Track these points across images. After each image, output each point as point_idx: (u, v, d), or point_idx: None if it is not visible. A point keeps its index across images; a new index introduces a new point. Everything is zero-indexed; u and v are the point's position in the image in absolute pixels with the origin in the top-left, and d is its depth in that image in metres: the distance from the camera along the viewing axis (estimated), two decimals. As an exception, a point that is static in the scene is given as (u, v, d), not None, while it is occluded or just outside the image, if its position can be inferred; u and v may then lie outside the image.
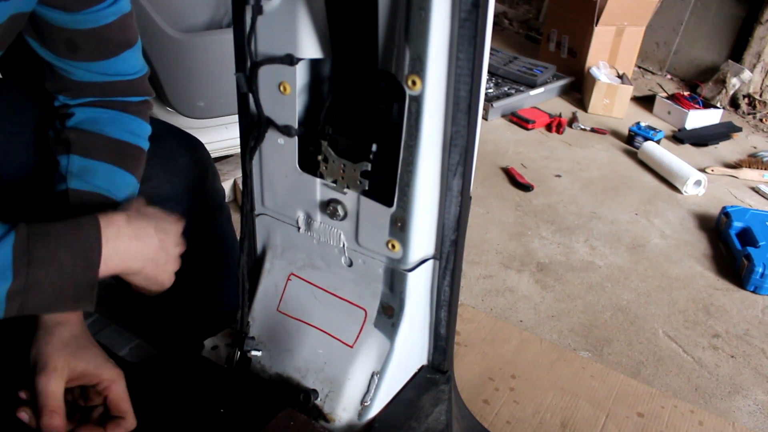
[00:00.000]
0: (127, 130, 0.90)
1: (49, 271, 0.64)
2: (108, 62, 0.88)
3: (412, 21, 0.62)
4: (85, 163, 0.86)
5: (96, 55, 0.87)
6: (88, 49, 0.86)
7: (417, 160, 0.69)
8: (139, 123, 0.93)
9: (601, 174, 2.66)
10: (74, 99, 0.89)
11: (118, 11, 0.85)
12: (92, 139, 0.87)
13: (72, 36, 0.84)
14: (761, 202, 2.58)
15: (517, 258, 2.04)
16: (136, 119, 0.92)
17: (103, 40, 0.86)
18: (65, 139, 0.87)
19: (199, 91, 1.88)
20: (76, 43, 0.84)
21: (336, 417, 0.80)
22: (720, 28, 3.60)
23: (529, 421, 1.36)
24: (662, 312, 1.85)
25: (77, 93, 0.89)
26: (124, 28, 0.87)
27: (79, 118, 0.88)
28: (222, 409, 0.81)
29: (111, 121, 0.90)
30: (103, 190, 0.85)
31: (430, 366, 0.89)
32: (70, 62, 0.86)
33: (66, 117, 0.88)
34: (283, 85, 0.74)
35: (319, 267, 0.85)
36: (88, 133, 0.87)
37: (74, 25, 0.83)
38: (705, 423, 1.39)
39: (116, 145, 0.89)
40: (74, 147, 0.86)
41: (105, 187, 0.86)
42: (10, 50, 0.84)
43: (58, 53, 0.86)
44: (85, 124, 0.88)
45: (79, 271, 0.67)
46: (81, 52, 0.85)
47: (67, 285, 0.66)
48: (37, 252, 0.64)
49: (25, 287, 0.63)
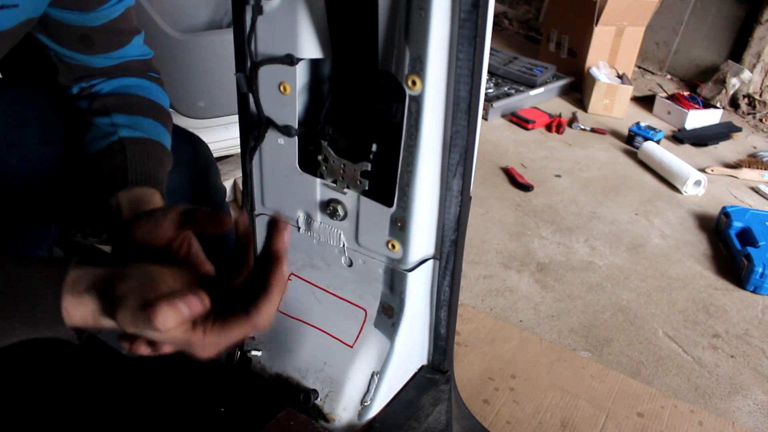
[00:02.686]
0: (154, 94, 0.94)
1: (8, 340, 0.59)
2: (122, 50, 0.91)
3: (412, 21, 0.62)
4: (130, 119, 0.88)
5: (111, 46, 0.90)
6: (103, 42, 0.89)
7: (417, 160, 0.69)
8: (161, 91, 0.97)
9: (601, 174, 2.66)
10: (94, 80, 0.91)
11: (124, 4, 0.88)
12: (131, 99, 0.90)
13: (87, 32, 0.86)
14: (761, 202, 2.58)
15: (517, 258, 2.04)
16: (157, 87, 0.96)
17: (116, 32, 0.89)
18: (101, 106, 0.88)
19: (199, 91, 1.88)
20: (92, 39, 0.87)
21: (336, 417, 0.80)
22: (720, 29, 3.60)
23: (529, 421, 1.36)
24: (662, 312, 1.85)
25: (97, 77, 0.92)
26: (130, 19, 0.91)
27: (108, 88, 0.91)
28: (222, 409, 0.81)
29: (139, 86, 0.93)
30: (154, 136, 0.87)
31: (430, 366, 0.89)
32: (87, 55, 0.89)
33: (93, 93, 0.90)
34: (283, 85, 0.74)
35: (319, 267, 0.85)
36: (124, 95, 0.90)
37: (88, 22, 0.85)
38: (705, 423, 1.39)
39: (152, 104, 0.92)
40: (113, 107, 0.88)
41: (156, 135, 0.88)
42: (11, 51, 0.84)
43: (73, 48, 0.88)
44: (117, 89, 0.91)
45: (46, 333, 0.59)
46: (96, 46, 0.88)
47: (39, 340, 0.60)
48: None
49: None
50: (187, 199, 1.07)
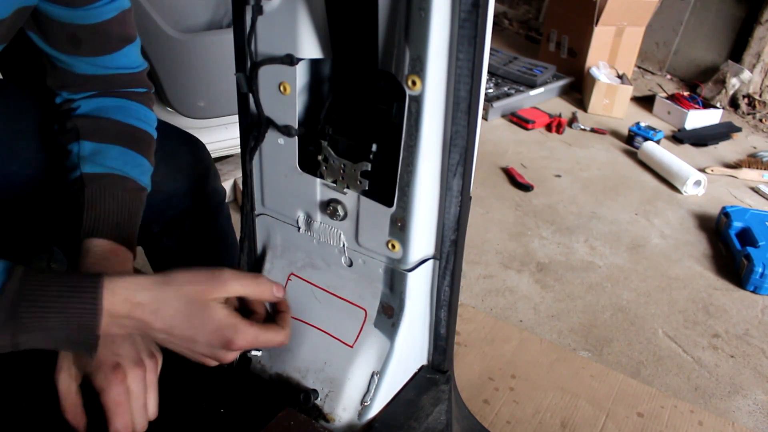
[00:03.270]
0: (134, 116, 0.91)
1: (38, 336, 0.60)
2: (110, 57, 0.89)
3: (412, 21, 0.62)
4: (96, 147, 0.86)
5: (98, 50, 0.88)
6: (91, 44, 0.87)
7: (417, 160, 0.69)
8: (146, 111, 0.94)
9: (601, 174, 2.66)
10: (78, 93, 0.90)
11: (118, 7, 0.86)
12: (101, 124, 0.88)
13: (74, 31, 0.85)
14: (761, 202, 2.58)
15: (517, 258, 2.04)
16: (142, 107, 0.93)
17: (104, 35, 0.87)
18: (73, 127, 0.87)
19: (199, 91, 1.88)
20: (79, 38, 0.85)
21: (336, 417, 0.80)
22: (720, 29, 3.60)
23: (529, 421, 1.36)
24: (662, 312, 1.85)
25: (80, 87, 0.90)
26: (124, 24, 0.89)
27: (85, 109, 0.89)
28: (222, 409, 0.81)
29: (117, 108, 0.90)
30: (117, 170, 0.85)
31: (430, 366, 0.89)
32: (73, 57, 0.87)
33: (71, 110, 0.89)
34: (283, 85, 0.74)
35: (319, 267, 0.85)
36: (97, 119, 0.88)
37: (76, 20, 0.84)
38: (705, 423, 1.39)
39: (125, 129, 0.89)
40: (83, 133, 0.86)
41: (119, 167, 0.86)
42: (10, 51, 0.84)
43: (60, 48, 0.87)
44: (93, 112, 0.89)
45: (73, 334, 0.61)
46: (83, 47, 0.86)
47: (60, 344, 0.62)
48: (24, 319, 0.59)
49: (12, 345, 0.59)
50: (187, 203, 1.07)
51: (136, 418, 0.70)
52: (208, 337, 0.66)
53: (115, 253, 0.81)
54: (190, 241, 1.10)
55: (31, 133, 0.93)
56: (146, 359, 0.71)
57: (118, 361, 0.69)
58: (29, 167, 0.93)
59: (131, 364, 0.69)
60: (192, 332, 0.66)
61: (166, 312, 0.64)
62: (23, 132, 0.93)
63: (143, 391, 0.70)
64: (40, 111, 0.94)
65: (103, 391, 0.68)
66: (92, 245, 0.80)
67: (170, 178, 1.01)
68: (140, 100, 0.94)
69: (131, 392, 0.69)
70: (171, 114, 1.87)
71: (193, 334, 0.66)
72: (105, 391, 0.68)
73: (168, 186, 1.01)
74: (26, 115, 0.94)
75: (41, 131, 0.93)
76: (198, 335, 0.66)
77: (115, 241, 0.81)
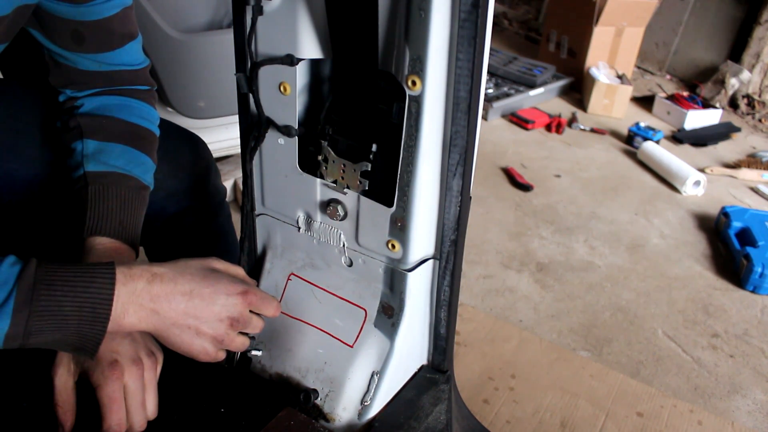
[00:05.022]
0: (136, 114, 0.92)
1: (51, 322, 0.61)
2: (113, 53, 0.90)
3: (412, 21, 0.62)
4: (99, 146, 0.86)
5: (101, 46, 0.88)
6: (94, 41, 0.87)
7: (417, 160, 0.69)
8: (149, 109, 0.94)
9: (601, 174, 2.67)
10: (81, 91, 0.90)
11: (120, 3, 0.87)
12: (104, 123, 0.88)
13: (77, 27, 0.85)
14: (760, 202, 2.59)
15: (516, 258, 2.04)
16: (145, 105, 0.94)
17: (107, 32, 0.88)
18: (76, 126, 0.87)
19: (199, 91, 1.88)
20: (82, 35, 0.86)
21: (336, 417, 0.80)
22: (719, 29, 3.60)
23: (528, 420, 1.36)
24: (661, 312, 1.86)
25: (84, 85, 0.90)
26: (126, 20, 0.89)
27: (88, 107, 0.89)
28: (222, 409, 0.81)
29: (120, 106, 0.91)
30: (120, 169, 0.86)
31: (430, 366, 0.89)
32: (76, 53, 0.88)
33: (74, 108, 0.89)
34: (283, 85, 0.74)
35: (319, 267, 0.85)
36: (100, 117, 0.88)
37: (79, 16, 0.84)
38: (704, 422, 1.39)
39: (128, 128, 0.90)
40: (86, 131, 0.87)
41: (122, 166, 0.86)
42: (12, 50, 0.84)
43: (63, 45, 0.87)
44: (96, 110, 0.89)
45: (85, 323, 0.62)
46: (86, 43, 0.87)
47: (70, 336, 0.62)
48: (40, 302, 0.60)
49: (24, 333, 0.60)
50: (188, 201, 1.07)
51: (134, 416, 0.71)
52: (227, 288, 0.70)
53: (118, 252, 0.81)
54: (191, 238, 1.10)
55: (33, 132, 0.93)
56: (145, 358, 0.72)
57: (116, 358, 0.70)
58: (31, 166, 0.93)
59: (129, 362, 0.70)
60: (211, 289, 0.69)
61: (184, 277, 0.68)
62: (25, 130, 0.93)
63: (140, 389, 0.71)
64: (42, 110, 0.94)
65: (99, 387, 0.69)
66: (95, 243, 0.80)
67: (171, 176, 1.02)
68: (143, 97, 0.94)
69: (128, 389, 0.70)
70: (171, 114, 1.88)
71: (213, 292, 0.69)
72: (101, 387, 0.69)
73: (169, 183, 1.01)
74: (28, 113, 0.94)
75: (43, 130, 0.93)
76: (218, 293, 0.69)
77: (118, 240, 0.82)
